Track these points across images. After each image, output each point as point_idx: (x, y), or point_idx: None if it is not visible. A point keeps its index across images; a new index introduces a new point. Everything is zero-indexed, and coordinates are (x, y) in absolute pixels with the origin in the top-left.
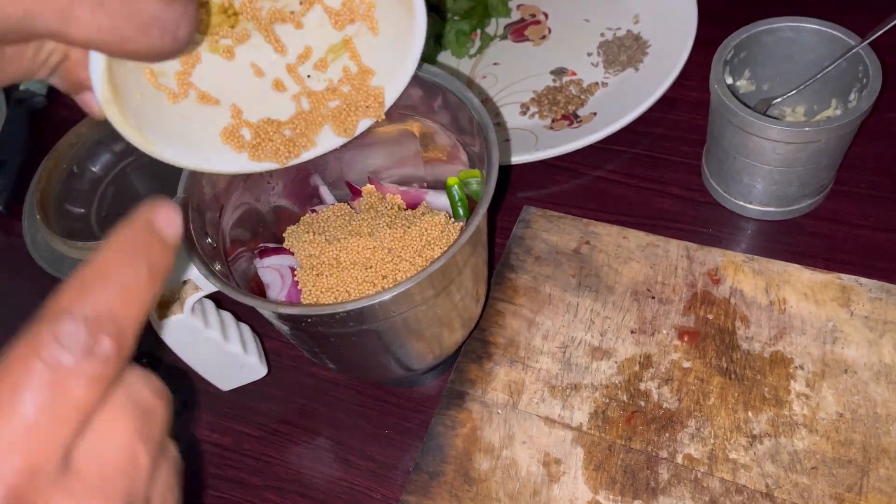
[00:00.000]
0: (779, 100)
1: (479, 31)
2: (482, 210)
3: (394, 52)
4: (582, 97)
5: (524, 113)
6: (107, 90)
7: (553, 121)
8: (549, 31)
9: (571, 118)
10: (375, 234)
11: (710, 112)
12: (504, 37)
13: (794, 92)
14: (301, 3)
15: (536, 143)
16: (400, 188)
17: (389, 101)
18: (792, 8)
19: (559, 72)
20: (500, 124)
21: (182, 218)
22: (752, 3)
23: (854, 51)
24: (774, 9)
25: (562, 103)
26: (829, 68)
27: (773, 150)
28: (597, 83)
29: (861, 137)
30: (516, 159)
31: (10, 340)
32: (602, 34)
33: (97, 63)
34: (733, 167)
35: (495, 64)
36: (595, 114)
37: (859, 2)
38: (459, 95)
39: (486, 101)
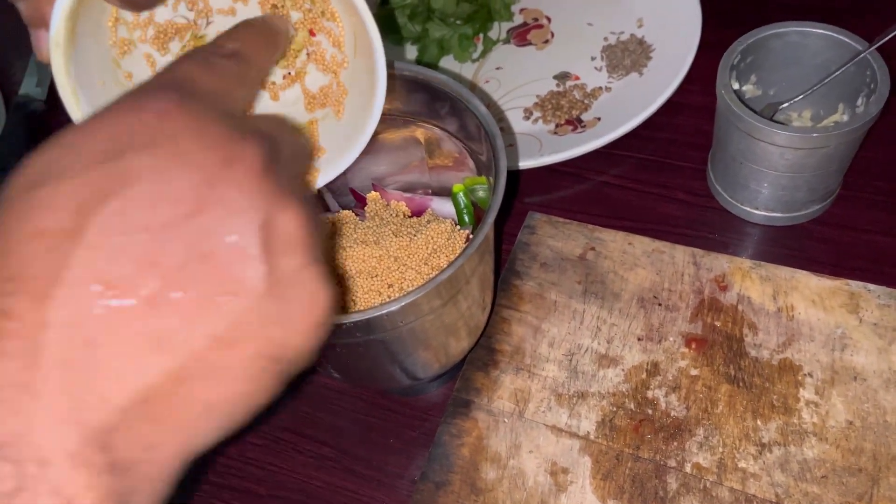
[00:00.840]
0: (785, 105)
1: (481, 36)
2: (490, 219)
3: (346, 133)
4: (586, 102)
5: (528, 118)
6: (62, 33)
7: (557, 126)
8: (552, 36)
9: (575, 123)
10: (381, 242)
11: (717, 117)
12: (507, 41)
13: (801, 97)
14: (284, 78)
15: (541, 148)
16: (404, 195)
17: (322, 182)
18: (798, 12)
19: (562, 76)
20: (503, 129)
21: None
22: (757, 6)
23: (862, 56)
24: (780, 12)
25: (565, 108)
26: (837, 73)
27: (781, 156)
28: (601, 88)
29: (868, 142)
30: (520, 165)
31: None
32: (605, 38)
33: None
34: (740, 172)
35: (498, 68)
36: (599, 119)
37: (867, 5)
38: (466, 102)
39: (490, 105)
